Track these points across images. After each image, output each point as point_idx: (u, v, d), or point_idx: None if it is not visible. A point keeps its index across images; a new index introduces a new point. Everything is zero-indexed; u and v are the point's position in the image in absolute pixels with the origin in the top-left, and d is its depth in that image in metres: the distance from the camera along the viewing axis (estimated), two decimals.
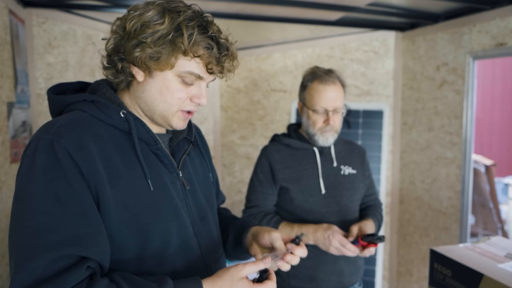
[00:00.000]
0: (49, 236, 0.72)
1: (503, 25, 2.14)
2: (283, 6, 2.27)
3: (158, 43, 0.81)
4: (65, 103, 0.87)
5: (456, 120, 2.45)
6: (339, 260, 1.49)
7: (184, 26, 0.81)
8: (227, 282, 0.81)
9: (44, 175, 0.75)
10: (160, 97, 0.87)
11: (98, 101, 0.86)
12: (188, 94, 0.88)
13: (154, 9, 0.82)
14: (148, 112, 0.90)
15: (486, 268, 1.18)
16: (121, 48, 0.84)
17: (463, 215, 2.44)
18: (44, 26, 2.34)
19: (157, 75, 0.85)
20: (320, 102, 1.48)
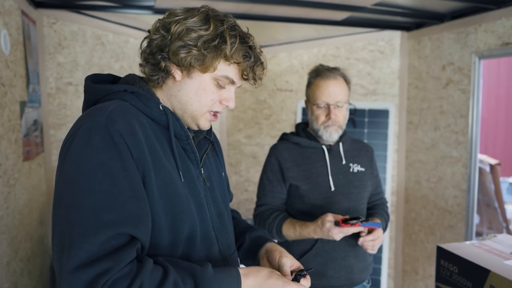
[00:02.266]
0: (106, 215, 0.74)
1: (508, 24, 2.15)
2: (290, 6, 2.29)
3: (204, 47, 0.86)
4: (104, 92, 0.89)
5: (462, 119, 2.46)
6: (349, 257, 1.52)
7: (227, 34, 0.88)
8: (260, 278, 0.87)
9: (100, 155, 0.76)
10: (195, 97, 0.92)
11: (138, 93, 0.90)
12: (219, 96, 0.94)
13: (199, 16, 0.88)
14: (179, 110, 0.94)
15: (493, 265, 1.20)
16: (166, 48, 0.88)
17: (469, 213, 2.45)
18: (55, 26, 2.37)
19: (195, 76, 0.91)
20: (322, 96, 1.52)
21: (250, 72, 0.93)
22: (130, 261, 0.74)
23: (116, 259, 0.72)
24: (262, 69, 0.96)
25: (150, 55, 0.91)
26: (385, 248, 2.95)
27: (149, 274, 0.74)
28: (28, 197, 2.02)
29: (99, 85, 0.90)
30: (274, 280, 0.87)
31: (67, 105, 2.47)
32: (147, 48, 0.92)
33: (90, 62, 2.56)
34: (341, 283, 1.53)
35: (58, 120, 2.44)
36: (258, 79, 0.96)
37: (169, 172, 0.86)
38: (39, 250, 2.23)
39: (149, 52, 0.91)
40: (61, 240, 0.73)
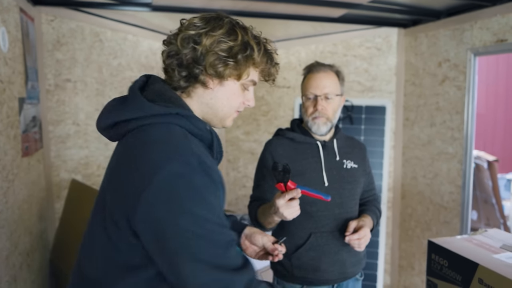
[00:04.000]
0: (227, 236, 0.86)
1: (503, 21, 2.17)
2: (287, 3, 2.31)
3: (237, 57, 0.92)
4: (156, 113, 0.89)
5: (458, 115, 2.48)
6: (342, 251, 1.54)
7: (253, 42, 0.94)
8: None
9: (207, 190, 0.83)
10: (227, 102, 0.98)
11: (190, 116, 0.92)
12: (243, 98, 1.01)
13: (225, 26, 0.93)
14: (209, 115, 0.99)
15: (482, 258, 1.22)
16: (201, 61, 0.91)
17: (464, 209, 2.47)
18: (53, 23, 2.39)
19: (227, 83, 0.96)
20: (310, 88, 1.55)
21: (271, 75, 1.02)
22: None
23: (250, 268, 0.89)
24: (277, 70, 1.03)
25: (183, 68, 0.93)
26: (382, 244, 2.98)
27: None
28: (28, 193, 2.05)
29: (154, 106, 0.89)
30: None
31: (66, 101, 2.49)
32: (175, 60, 0.94)
33: (89, 59, 2.58)
34: (335, 277, 1.55)
35: (56, 116, 2.46)
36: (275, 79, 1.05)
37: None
38: (38, 245, 2.26)
39: (180, 64, 0.93)
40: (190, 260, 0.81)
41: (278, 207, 1.23)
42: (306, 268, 1.53)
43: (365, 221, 1.52)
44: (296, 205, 1.24)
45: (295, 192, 1.22)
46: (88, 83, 2.58)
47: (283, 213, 1.24)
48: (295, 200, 1.24)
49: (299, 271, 1.54)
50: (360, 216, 1.59)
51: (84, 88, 2.56)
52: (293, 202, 1.23)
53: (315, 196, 1.32)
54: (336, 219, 1.54)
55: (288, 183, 1.22)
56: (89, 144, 2.62)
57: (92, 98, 2.61)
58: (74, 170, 2.57)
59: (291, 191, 1.22)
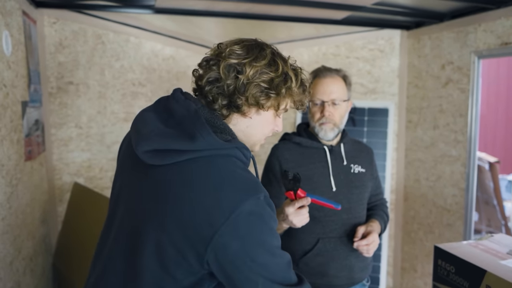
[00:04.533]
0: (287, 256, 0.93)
1: (508, 24, 2.16)
2: (290, 5, 2.30)
3: (279, 90, 0.94)
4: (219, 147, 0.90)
5: (461, 118, 2.47)
6: (350, 256, 1.53)
7: (292, 73, 0.96)
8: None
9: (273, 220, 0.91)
10: (261, 130, 1.00)
11: (242, 147, 0.94)
12: (274, 124, 1.03)
13: (268, 57, 0.94)
14: (242, 140, 1.00)
15: (489, 265, 1.22)
16: (243, 91, 0.92)
17: (467, 212, 2.47)
18: (55, 26, 2.38)
19: (263, 113, 0.98)
20: (317, 93, 1.54)
21: (302, 103, 1.03)
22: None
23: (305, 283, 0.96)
24: (307, 97, 1.04)
25: (225, 97, 0.93)
26: (384, 246, 2.98)
27: None
28: (30, 197, 2.04)
29: (219, 142, 0.89)
30: None
31: (68, 104, 2.49)
32: (215, 88, 0.93)
33: (91, 62, 2.57)
34: (342, 282, 1.55)
35: (59, 119, 2.45)
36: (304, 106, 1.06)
37: None
38: (41, 249, 2.25)
39: (222, 93, 0.93)
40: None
41: (288, 215, 1.24)
42: (314, 274, 1.52)
43: (373, 226, 1.52)
44: (306, 213, 1.24)
45: (305, 201, 1.22)
46: (90, 86, 2.58)
47: (292, 220, 1.24)
48: (304, 208, 1.24)
49: (306, 276, 1.52)
50: (368, 221, 1.59)
51: (86, 91, 2.56)
52: (302, 210, 1.24)
53: (325, 204, 1.34)
54: (344, 224, 1.53)
55: (298, 192, 1.23)
56: (92, 147, 2.61)
57: (94, 100, 2.60)
58: (76, 173, 2.56)
59: (301, 200, 1.23)
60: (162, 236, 0.86)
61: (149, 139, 0.89)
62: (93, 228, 2.07)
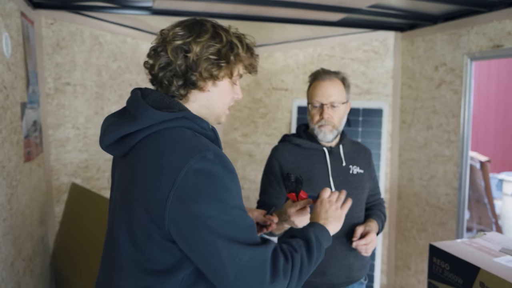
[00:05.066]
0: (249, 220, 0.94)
1: (500, 27, 2.21)
2: (286, 7, 2.33)
3: (228, 59, 0.97)
4: (165, 119, 0.93)
5: (454, 119, 2.52)
6: (349, 256, 1.57)
7: (236, 40, 0.99)
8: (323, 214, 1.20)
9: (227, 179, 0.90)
10: (222, 100, 1.04)
11: (195, 118, 0.97)
12: (233, 92, 1.06)
13: (208, 31, 0.97)
14: (205, 115, 1.03)
15: (483, 262, 1.26)
16: (195, 67, 0.96)
17: (460, 210, 2.52)
18: (53, 27, 2.39)
19: (219, 83, 1.01)
20: (316, 96, 1.58)
21: (253, 66, 1.07)
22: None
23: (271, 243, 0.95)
24: (257, 60, 1.08)
25: (179, 77, 0.97)
26: (379, 245, 3.02)
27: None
28: (29, 198, 2.05)
29: (161, 112, 0.92)
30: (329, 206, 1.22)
31: (66, 105, 2.49)
32: (168, 72, 0.96)
33: (88, 62, 2.58)
34: (341, 281, 1.58)
35: (56, 120, 2.46)
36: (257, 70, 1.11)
37: None
38: (39, 250, 2.26)
39: (175, 74, 0.96)
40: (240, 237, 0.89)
41: (290, 216, 1.27)
42: (313, 273, 1.54)
43: (372, 226, 1.55)
44: (307, 214, 1.28)
45: (307, 202, 1.26)
46: (87, 87, 2.58)
47: (294, 221, 1.28)
48: (305, 209, 1.27)
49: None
50: (366, 221, 1.62)
51: (83, 92, 2.56)
52: (304, 211, 1.28)
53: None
54: (344, 225, 1.56)
55: (300, 193, 1.26)
56: (89, 147, 2.62)
57: (91, 101, 2.61)
58: (74, 174, 2.57)
59: (303, 201, 1.26)
60: (130, 217, 0.92)
61: (106, 134, 0.97)
62: (90, 228, 2.09)
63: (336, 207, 1.21)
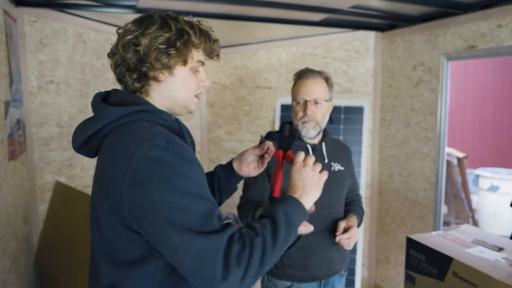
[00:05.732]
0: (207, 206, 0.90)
1: (474, 29, 2.30)
2: (270, 7, 2.37)
3: (177, 45, 0.98)
4: (123, 114, 0.96)
5: (431, 116, 2.61)
6: (330, 249, 1.63)
7: (187, 27, 1.00)
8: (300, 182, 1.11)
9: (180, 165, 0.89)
10: (182, 89, 1.04)
11: (153, 110, 0.99)
12: (197, 80, 1.07)
13: (157, 22, 0.98)
14: (170, 105, 1.05)
15: (455, 253, 1.33)
16: (146, 59, 0.97)
17: (437, 205, 2.62)
18: (36, 24, 2.37)
19: (176, 72, 1.01)
20: (300, 93, 1.63)
21: (213, 51, 1.08)
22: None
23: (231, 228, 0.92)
24: (218, 46, 1.10)
25: (132, 71, 0.99)
26: (360, 239, 3.10)
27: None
28: (14, 196, 2.04)
29: (116, 108, 0.96)
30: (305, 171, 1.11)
31: (49, 103, 2.48)
32: (123, 67, 0.99)
33: (72, 60, 2.57)
34: (323, 273, 1.64)
35: (40, 118, 2.44)
36: (219, 55, 1.12)
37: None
38: (23, 248, 2.25)
39: (129, 68, 0.99)
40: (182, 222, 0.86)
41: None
42: (296, 266, 1.61)
43: (353, 221, 1.62)
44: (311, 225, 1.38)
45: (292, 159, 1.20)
46: (71, 85, 2.57)
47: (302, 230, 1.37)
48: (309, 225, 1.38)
49: (289, 269, 1.62)
50: (346, 216, 1.69)
51: (67, 90, 2.55)
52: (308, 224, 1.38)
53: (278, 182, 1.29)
54: (325, 219, 1.62)
55: (288, 152, 1.24)
56: None
57: (75, 99, 2.60)
58: (58, 172, 2.56)
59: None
60: (97, 211, 0.96)
61: (75, 137, 1.03)
62: (74, 226, 2.09)
63: (313, 173, 1.12)
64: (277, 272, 1.64)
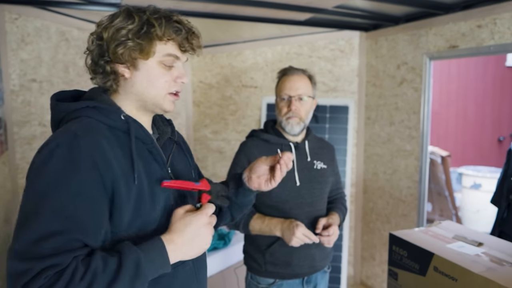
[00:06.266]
0: (55, 225, 0.82)
1: (455, 29, 2.34)
2: (256, 7, 2.38)
3: (136, 36, 0.93)
4: (69, 110, 0.95)
5: (415, 115, 2.65)
6: (311, 246, 1.64)
7: (152, 19, 0.94)
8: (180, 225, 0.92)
9: (60, 170, 0.84)
10: (149, 84, 0.98)
11: (100, 107, 0.95)
12: (171, 76, 1.00)
13: (122, 14, 0.95)
14: (140, 102, 1.00)
15: (436, 248, 1.36)
16: (105, 52, 0.95)
17: (420, 202, 2.66)
18: (17, 22, 2.33)
19: (141, 66, 0.96)
20: (284, 89, 1.65)
21: (186, 43, 0.99)
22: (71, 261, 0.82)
23: (59, 257, 0.81)
24: (196, 38, 1.02)
25: (95, 66, 0.98)
26: (345, 237, 3.13)
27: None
28: None
29: (63, 103, 0.95)
30: (189, 219, 0.92)
31: (32, 102, 2.44)
32: (91, 61, 0.99)
33: (55, 59, 2.53)
34: (305, 271, 1.65)
35: (22, 117, 2.41)
36: (197, 48, 1.03)
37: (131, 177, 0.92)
38: (4, 249, 2.21)
39: (93, 63, 0.98)
40: (18, 233, 0.82)
41: (294, 234, 1.51)
42: (278, 264, 1.62)
43: (334, 219, 1.63)
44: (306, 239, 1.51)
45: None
46: (54, 83, 2.54)
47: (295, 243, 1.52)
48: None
49: (272, 266, 1.63)
50: (328, 213, 1.70)
51: (50, 88, 2.52)
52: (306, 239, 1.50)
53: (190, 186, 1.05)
54: (307, 217, 1.64)
55: (204, 196, 1.04)
56: None
57: None
58: None
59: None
60: None
61: None
62: None
63: (206, 228, 0.94)
64: (259, 270, 1.65)
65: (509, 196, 2.09)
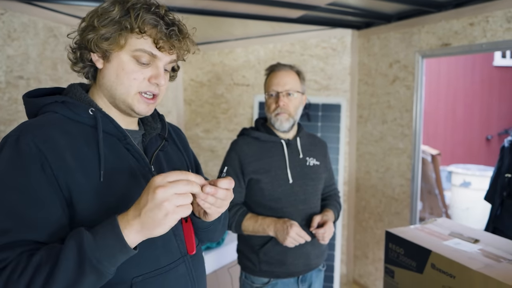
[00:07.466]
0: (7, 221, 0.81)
1: (447, 27, 2.35)
2: (247, 3, 2.35)
3: (107, 25, 0.89)
4: (38, 105, 0.93)
5: (407, 113, 2.66)
6: (306, 245, 1.62)
7: (131, 9, 0.89)
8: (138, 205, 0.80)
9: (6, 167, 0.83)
10: (117, 79, 0.93)
11: (68, 102, 0.93)
12: (144, 74, 0.92)
13: (107, 2, 0.92)
14: (110, 98, 0.96)
15: (433, 245, 1.35)
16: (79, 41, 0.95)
17: (413, 200, 2.66)
18: (3, 17, 2.27)
19: (113, 58, 0.92)
20: (272, 85, 1.63)
21: (164, 41, 0.91)
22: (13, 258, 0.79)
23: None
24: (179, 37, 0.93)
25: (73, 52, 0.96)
26: (338, 235, 3.12)
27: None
28: None
29: (32, 99, 0.94)
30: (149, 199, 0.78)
31: (18, 99, 2.38)
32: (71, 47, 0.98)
33: (42, 55, 2.47)
34: (300, 269, 1.63)
35: (9, 115, 2.34)
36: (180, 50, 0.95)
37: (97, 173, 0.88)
38: None
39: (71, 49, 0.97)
40: None
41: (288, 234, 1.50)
42: (273, 263, 1.60)
43: (328, 216, 1.62)
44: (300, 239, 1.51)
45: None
46: (42, 80, 2.48)
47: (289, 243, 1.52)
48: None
49: (266, 265, 1.61)
50: (322, 210, 1.69)
51: (37, 86, 2.46)
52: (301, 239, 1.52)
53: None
54: (301, 215, 1.62)
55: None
56: None
57: None
58: None
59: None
60: None
61: None
62: None
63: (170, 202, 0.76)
64: (254, 269, 1.63)
65: (502, 193, 2.10)
